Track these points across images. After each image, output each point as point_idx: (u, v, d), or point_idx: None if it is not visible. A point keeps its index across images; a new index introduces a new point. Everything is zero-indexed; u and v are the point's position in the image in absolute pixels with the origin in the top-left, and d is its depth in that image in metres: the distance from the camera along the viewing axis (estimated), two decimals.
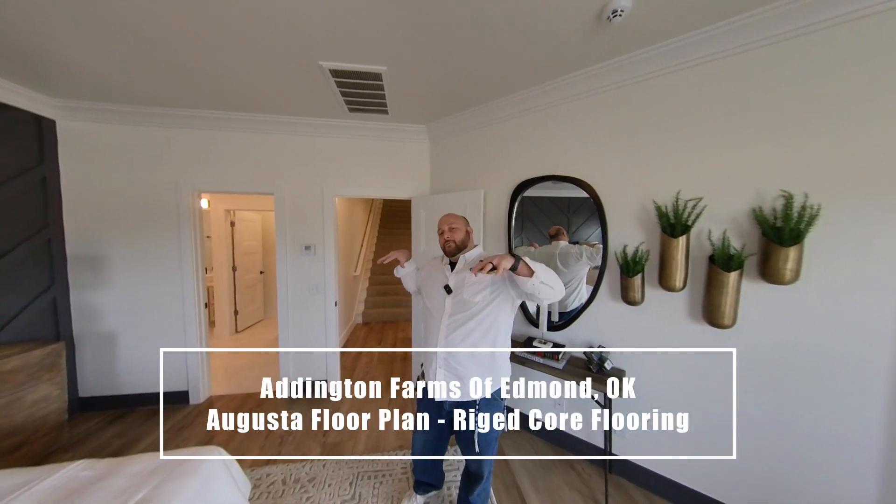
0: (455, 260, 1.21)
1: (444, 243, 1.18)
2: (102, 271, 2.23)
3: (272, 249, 3.93)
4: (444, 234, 1.19)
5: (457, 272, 1.17)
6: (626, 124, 1.58)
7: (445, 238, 1.18)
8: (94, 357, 2.25)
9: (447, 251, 1.19)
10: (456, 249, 1.17)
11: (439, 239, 1.21)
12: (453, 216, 1.22)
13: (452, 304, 1.14)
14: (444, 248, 1.20)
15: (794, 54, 1.17)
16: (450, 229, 1.18)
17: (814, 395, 1.18)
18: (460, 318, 1.12)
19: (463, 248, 1.19)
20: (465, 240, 1.20)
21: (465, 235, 1.20)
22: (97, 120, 2.14)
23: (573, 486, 1.61)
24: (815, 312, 1.17)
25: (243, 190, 2.40)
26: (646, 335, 1.56)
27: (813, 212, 1.11)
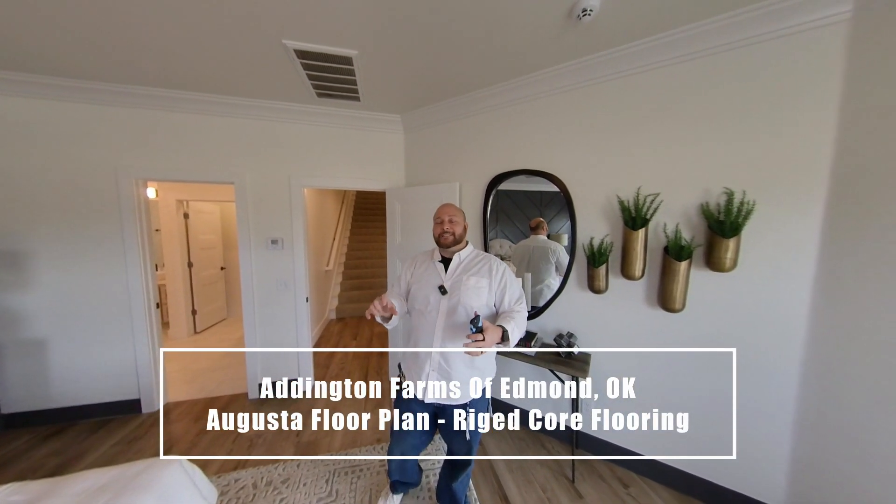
0: (447, 256, 1.17)
1: (442, 234, 1.13)
2: (24, 270, 1.94)
3: (234, 244, 3.65)
4: (443, 223, 1.13)
5: (452, 272, 1.14)
6: (593, 121, 1.66)
7: (445, 229, 1.13)
8: (19, 367, 1.97)
9: (443, 243, 1.14)
10: (453, 242, 1.14)
11: (435, 228, 1.15)
12: (454, 207, 1.18)
13: (448, 307, 1.10)
14: (439, 238, 1.14)
15: (736, 62, 1.29)
16: (450, 221, 1.14)
17: (745, 374, 1.35)
18: (458, 321, 1.08)
19: (459, 241, 1.16)
20: (462, 234, 1.17)
21: (462, 230, 1.16)
22: (9, 93, 1.82)
23: (543, 463, 1.72)
24: (746, 297, 1.33)
25: (197, 178, 2.18)
26: (609, 321, 1.68)
27: (749, 207, 1.25)
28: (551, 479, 1.61)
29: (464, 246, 1.18)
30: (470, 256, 1.17)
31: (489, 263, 1.15)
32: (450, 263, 1.15)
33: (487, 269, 1.13)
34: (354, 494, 1.50)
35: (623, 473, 1.64)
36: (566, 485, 1.58)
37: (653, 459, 1.58)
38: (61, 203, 1.95)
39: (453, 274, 1.13)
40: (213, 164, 2.18)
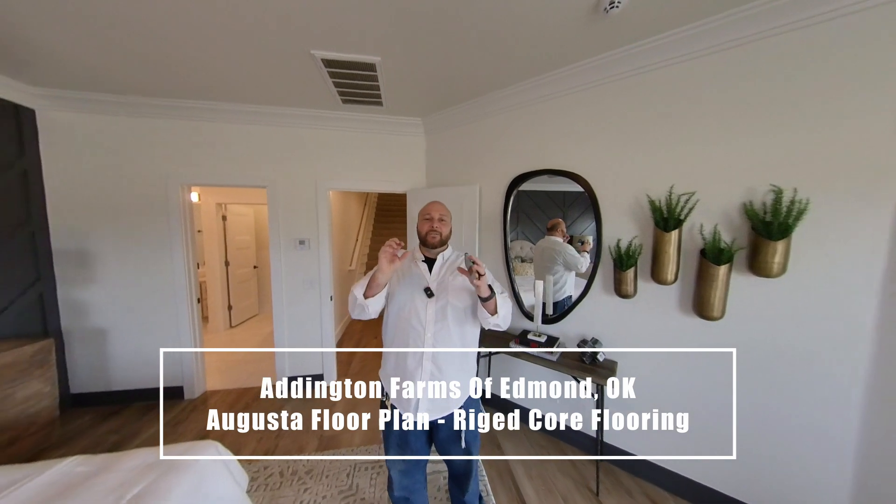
0: (431, 257, 1.10)
1: (429, 232, 1.05)
2: (90, 267, 2.18)
3: (265, 244, 3.87)
4: (432, 221, 1.06)
5: (437, 273, 1.06)
6: (621, 118, 1.58)
7: (434, 227, 1.05)
8: (85, 353, 2.22)
9: (430, 242, 1.06)
10: (440, 243, 1.07)
11: (423, 225, 1.07)
12: (444, 207, 1.11)
13: (436, 310, 1.01)
14: (425, 237, 1.06)
15: (786, 49, 1.17)
16: (440, 219, 1.07)
17: (795, 388, 1.22)
18: (448, 326, 1.00)
19: (444, 243, 1.09)
20: (448, 236, 1.10)
21: (449, 232, 1.10)
22: (80, 110, 2.07)
23: (566, 472, 1.66)
24: (798, 305, 1.20)
25: (234, 183, 2.35)
26: (638, 327, 1.59)
27: (801, 206, 1.13)
28: (573, 490, 1.55)
29: (446, 247, 1.12)
30: (452, 257, 1.11)
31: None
32: (433, 265, 1.08)
33: None
34: (374, 490, 1.53)
35: (653, 491, 1.54)
36: (589, 496, 1.51)
37: (689, 479, 1.47)
38: (120, 207, 2.18)
39: (438, 275, 1.06)
40: (247, 170, 2.34)
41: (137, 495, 0.95)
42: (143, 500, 0.93)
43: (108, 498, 0.94)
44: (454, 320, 1.01)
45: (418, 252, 1.12)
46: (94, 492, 0.96)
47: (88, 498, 0.94)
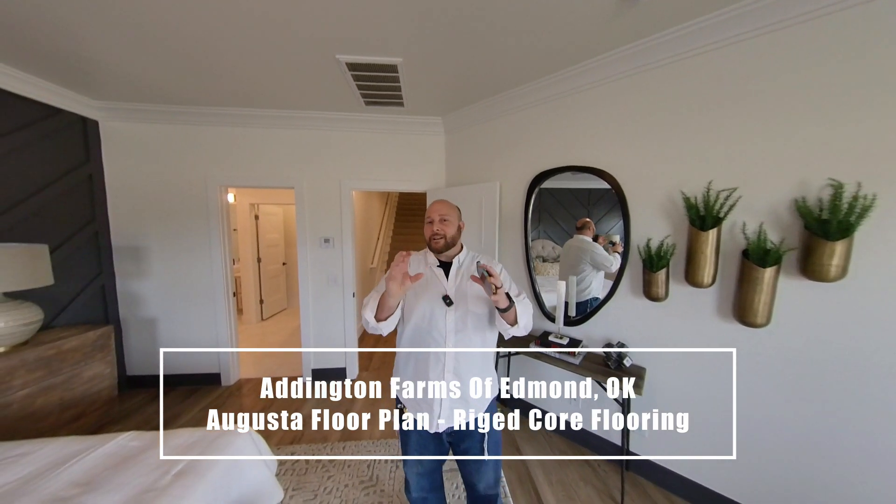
0: (445, 261, 1.02)
1: (432, 237, 0.98)
2: (143, 261, 2.41)
3: (293, 242, 4.08)
4: (433, 223, 0.97)
5: (454, 279, 0.99)
6: (650, 111, 1.49)
7: (434, 230, 0.97)
8: (138, 339, 2.46)
9: (434, 247, 0.99)
10: (445, 246, 0.98)
11: (426, 229, 1.00)
12: (447, 205, 1.01)
13: (456, 319, 0.94)
14: (429, 241, 0.99)
15: (847, 26, 1.04)
16: (441, 220, 0.98)
17: (853, 399, 1.09)
18: (469, 335, 0.95)
19: (452, 245, 1.00)
20: (456, 236, 1.01)
21: (456, 231, 1.00)
22: (135, 119, 2.28)
23: (588, 480, 1.60)
24: (861, 312, 1.07)
25: (265, 184, 2.49)
26: (669, 332, 1.49)
27: (866, 202, 1.00)
28: (595, 499, 1.49)
29: (460, 249, 1.04)
30: (468, 259, 1.03)
31: (489, 263, 0.99)
32: (449, 269, 1.01)
33: None
34: (393, 483, 1.57)
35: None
36: None
37: (720, 494, 1.37)
38: (167, 208, 2.39)
39: (455, 280, 0.99)
40: (277, 171, 2.47)
41: (181, 471, 1.04)
42: (187, 475, 1.03)
43: (157, 472, 1.04)
44: (475, 328, 0.96)
45: (432, 257, 1.03)
46: (145, 464, 1.07)
47: (140, 469, 1.04)
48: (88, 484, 0.98)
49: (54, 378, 1.69)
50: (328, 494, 1.49)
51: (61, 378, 1.73)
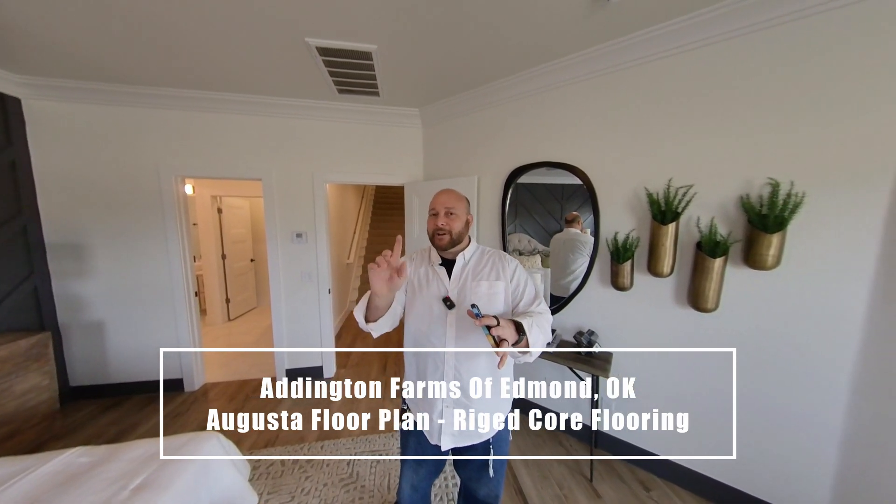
0: (449, 258, 0.92)
1: (436, 232, 0.87)
2: (85, 259, 2.16)
3: (262, 237, 3.85)
4: (437, 217, 0.87)
5: (457, 278, 0.89)
6: (620, 110, 1.57)
7: (439, 224, 0.87)
8: (82, 346, 2.21)
9: (438, 244, 0.88)
10: (450, 244, 0.87)
11: (429, 222, 0.90)
12: (454, 196, 0.90)
13: (458, 325, 0.85)
14: (433, 237, 0.89)
15: (786, 38, 1.16)
16: (447, 213, 0.87)
17: (788, 378, 1.25)
18: (472, 342, 0.84)
19: (458, 242, 0.89)
20: (463, 232, 0.89)
21: (464, 227, 0.90)
22: (67, 99, 2.01)
23: (562, 462, 1.70)
24: (792, 297, 1.22)
25: (229, 175, 2.31)
26: (633, 319, 1.61)
27: (797, 199, 1.14)
28: (568, 477, 1.59)
29: (467, 244, 0.93)
30: (476, 256, 0.93)
31: (499, 261, 0.91)
32: (453, 267, 0.91)
33: (500, 267, 0.90)
34: (374, 478, 1.56)
35: (645, 476, 1.59)
36: (584, 483, 1.55)
37: (672, 460, 1.52)
38: (113, 199, 2.14)
39: (459, 280, 0.89)
40: (242, 161, 2.30)
41: (140, 485, 0.96)
42: (147, 489, 0.95)
43: (112, 488, 0.95)
44: (479, 334, 0.82)
45: (434, 254, 0.93)
46: (97, 481, 0.97)
47: (92, 487, 0.95)
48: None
49: None
50: (306, 495, 1.46)
51: None
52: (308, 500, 1.43)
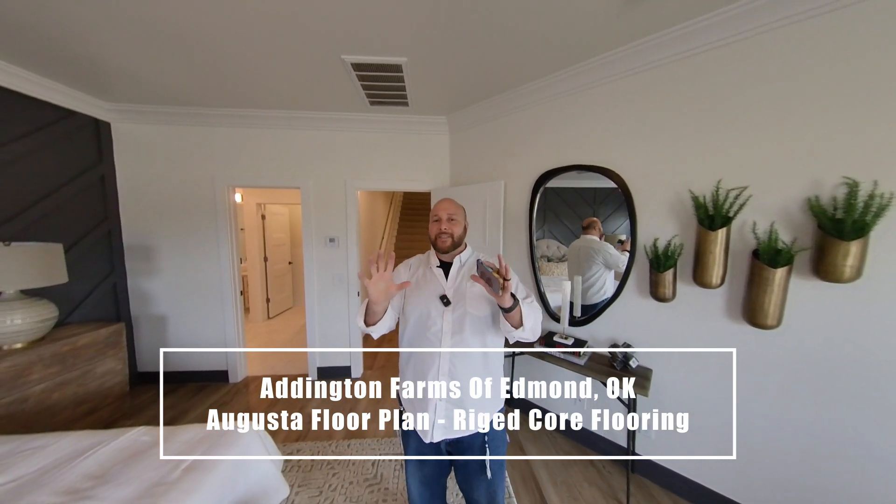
0: (447, 261, 0.99)
1: (439, 235, 0.95)
2: (153, 260, 2.46)
3: (299, 241, 4.12)
4: (440, 222, 0.95)
5: (454, 278, 0.96)
6: (658, 108, 1.47)
7: (442, 229, 0.95)
8: (148, 336, 2.51)
9: (440, 247, 0.96)
10: (452, 246, 0.96)
11: (432, 227, 0.97)
12: (454, 204, 0.99)
13: (453, 320, 0.91)
14: (435, 240, 0.97)
15: (865, 20, 1.01)
16: (448, 219, 0.95)
17: (866, 403, 1.06)
18: (466, 339, 0.90)
19: (458, 245, 0.98)
20: (462, 236, 0.99)
21: (462, 231, 0.99)
22: (145, 121, 2.33)
23: (593, 482, 1.59)
24: (876, 314, 1.04)
25: (271, 184, 2.52)
26: (677, 333, 1.47)
27: (883, 201, 0.98)
28: (600, 500, 1.48)
29: (464, 248, 1.01)
30: (472, 259, 1.01)
31: None
32: (450, 269, 0.98)
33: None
34: (397, 481, 1.57)
35: None
36: None
37: (726, 497, 1.35)
38: (176, 207, 2.43)
39: (455, 280, 0.96)
40: (283, 172, 2.49)
41: (191, 465, 1.06)
42: (196, 469, 1.05)
43: (166, 466, 1.06)
44: (473, 330, 0.91)
45: (433, 258, 1.01)
46: (156, 459, 1.09)
47: (151, 463, 1.07)
48: (101, 477, 1.01)
49: (69, 373, 1.74)
50: (333, 491, 1.51)
51: (75, 373, 1.78)
52: (335, 496, 1.48)
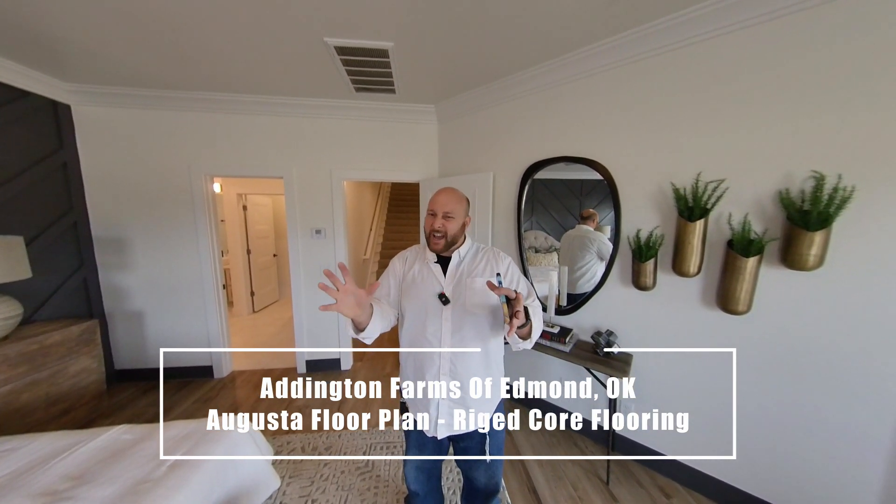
0: (446, 256, 0.92)
1: (431, 234, 0.87)
2: (126, 253, 2.34)
3: (283, 233, 4.00)
4: (435, 218, 0.87)
5: (452, 275, 0.90)
6: (643, 101, 1.49)
7: (435, 227, 0.86)
8: (125, 333, 2.41)
9: (434, 247, 0.89)
10: (445, 247, 0.88)
11: (426, 221, 0.90)
12: (454, 197, 0.88)
13: (453, 319, 0.86)
14: (428, 238, 0.89)
15: (832, 20, 1.05)
16: (444, 216, 0.86)
17: (826, 385, 1.16)
18: (465, 338, 0.86)
19: (453, 244, 0.90)
20: (458, 234, 0.89)
21: (459, 229, 0.89)
22: (110, 104, 2.16)
23: (577, 461, 1.67)
24: (836, 300, 1.12)
25: (252, 174, 2.42)
26: (656, 320, 1.55)
27: (845, 194, 1.04)
28: (583, 478, 1.57)
29: (462, 242, 0.93)
30: (471, 253, 0.94)
31: (494, 258, 0.93)
32: (448, 264, 0.92)
33: (495, 264, 0.91)
34: (389, 468, 1.61)
35: (665, 482, 1.53)
36: (599, 486, 1.52)
37: (701, 472, 1.45)
38: (150, 197, 2.30)
39: (454, 276, 0.90)
40: (265, 160, 2.39)
41: (176, 462, 1.04)
42: (182, 466, 1.03)
43: (151, 463, 1.04)
44: (473, 330, 0.86)
45: (429, 252, 0.93)
46: (138, 457, 1.06)
47: (134, 462, 1.04)
48: (81, 477, 0.98)
49: (38, 373, 1.65)
50: (324, 481, 1.52)
51: (46, 373, 1.69)
52: (326, 485, 1.50)
